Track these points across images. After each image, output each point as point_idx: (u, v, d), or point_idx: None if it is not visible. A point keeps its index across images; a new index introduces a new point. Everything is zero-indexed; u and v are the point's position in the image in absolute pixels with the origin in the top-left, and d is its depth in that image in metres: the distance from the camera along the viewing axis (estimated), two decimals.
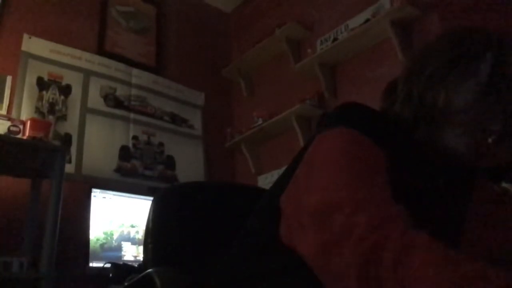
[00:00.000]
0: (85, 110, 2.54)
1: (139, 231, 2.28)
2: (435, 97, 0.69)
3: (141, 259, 1.66)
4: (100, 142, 2.54)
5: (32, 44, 2.43)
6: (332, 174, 0.60)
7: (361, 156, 0.62)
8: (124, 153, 2.63)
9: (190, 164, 2.94)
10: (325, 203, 0.56)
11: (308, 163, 0.67)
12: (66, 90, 2.50)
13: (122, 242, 2.22)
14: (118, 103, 2.70)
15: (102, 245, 2.15)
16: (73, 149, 2.39)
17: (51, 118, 2.36)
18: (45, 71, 2.44)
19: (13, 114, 2.20)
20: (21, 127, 1.83)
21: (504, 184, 0.81)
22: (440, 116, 0.69)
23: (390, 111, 0.75)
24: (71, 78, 2.54)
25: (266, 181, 2.81)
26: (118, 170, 2.56)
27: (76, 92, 2.54)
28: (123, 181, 2.54)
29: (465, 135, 0.68)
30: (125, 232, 2.25)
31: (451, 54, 0.70)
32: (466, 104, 0.67)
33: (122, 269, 1.85)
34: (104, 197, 2.25)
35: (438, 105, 0.69)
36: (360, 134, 0.65)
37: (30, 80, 2.37)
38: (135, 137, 2.72)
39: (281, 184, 0.72)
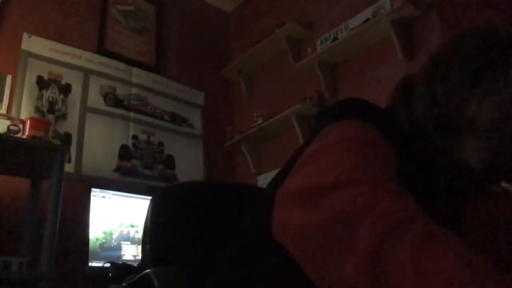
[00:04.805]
0: (85, 109, 2.54)
1: (139, 230, 2.27)
2: (462, 105, 0.65)
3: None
4: (100, 141, 2.54)
5: (32, 43, 2.43)
6: (340, 157, 0.56)
7: (374, 147, 0.59)
8: (124, 152, 2.62)
9: (190, 163, 2.94)
10: (334, 182, 0.52)
11: (311, 156, 0.63)
12: (66, 89, 2.50)
13: (122, 242, 2.22)
14: (118, 102, 2.70)
15: (101, 245, 2.14)
16: (73, 149, 2.39)
17: (50, 117, 2.36)
18: (45, 70, 2.44)
19: (13, 113, 2.20)
20: (21, 126, 1.83)
21: (504, 184, 0.81)
22: (465, 126, 0.65)
23: (403, 111, 0.73)
24: (71, 77, 2.54)
25: (266, 180, 2.81)
26: (118, 169, 2.56)
27: (76, 91, 2.54)
28: (123, 180, 2.54)
29: (485, 150, 0.65)
30: (125, 232, 2.25)
31: (478, 61, 0.66)
32: (494, 119, 0.63)
33: (121, 268, 1.85)
34: (104, 197, 2.24)
35: (465, 115, 0.65)
36: (372, 126, 0.62)
37: (30, 79, 2.37)
38: (135, 137, 2.71)
39: (276, 182, 0.69)
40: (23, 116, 2.18)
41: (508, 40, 0.67)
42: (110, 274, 1.85)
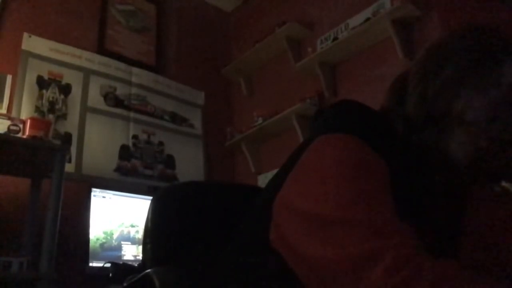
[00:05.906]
0: (85, 109, 2.54)
1: (139, 230, 2.27)
2: (451, 101, 0.66)
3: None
4: (100, 141, 2.54)
5: (32, 43, 2.42)
6: (341, 185, 0.58)
7: (369, 169, 0.60)
8: (124, 152, 2.62)
9: (190, 163, 2.94)
10: (338, 216, 0.54)
11: (307, 169, 0.64)
12: (66, 89, 2.50)
13: (122, 242, 2.22)
14: (118, 102, 2.70)
15: (102, 245, 2.14)
16: (73, 149, 2.38)
17: (51, 117, 2.36)
18: (45, 70, 2.44)
19: (13, 113, 2.20)
20: (21, 126, 1.83)
21: (504, 184, 0.81)
22: (453, 121, 0.67)
23: (397, 110, 0.73)
24: (71, 77, 2.54)
25: (266, 180, 2.80)
26: (118, 169, 2.55)
27: (76, 91, 2.54)
28: (123, 180, 2.54)
29: (470, 143, 0.66)
30: (125, 232, 2.25)
31: (468, 58, 0.67)
32: (482, 115, 0.64)
33: (122, 268, 1.85)
34: (104, 197, 2.24)
35: (454, 111, 0.66)
36: (363, 143, 0.63)
37: (30, 79, 2.37)
38: (135, 136, 2.71)
39: (274, 186, 0.69)
40: (23, 116, 2.18)
41: (498, 38, 0.68)
42: (110, 274, 1.85)
